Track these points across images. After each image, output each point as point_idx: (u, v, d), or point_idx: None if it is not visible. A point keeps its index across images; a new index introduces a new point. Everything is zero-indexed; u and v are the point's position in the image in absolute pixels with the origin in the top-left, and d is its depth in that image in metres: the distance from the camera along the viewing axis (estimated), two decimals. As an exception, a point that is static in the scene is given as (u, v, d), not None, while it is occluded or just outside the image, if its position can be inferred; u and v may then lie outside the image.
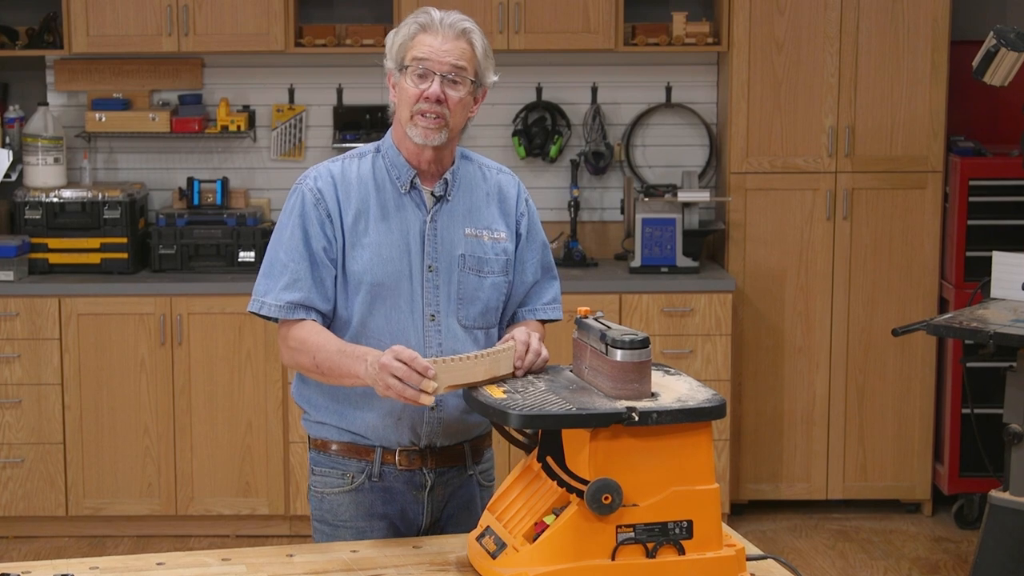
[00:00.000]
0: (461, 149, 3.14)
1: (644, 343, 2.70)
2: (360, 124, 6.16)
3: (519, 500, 2.79)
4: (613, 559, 2.63)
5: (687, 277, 5.82)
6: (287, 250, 3.02)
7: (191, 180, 6.07)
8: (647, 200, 5.89)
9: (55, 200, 5.91)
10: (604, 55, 6.12)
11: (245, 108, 6.19)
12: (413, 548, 2.93)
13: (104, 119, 6.04)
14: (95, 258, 5.89)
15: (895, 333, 4.80)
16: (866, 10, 5.83)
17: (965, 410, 5.84)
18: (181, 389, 5.73)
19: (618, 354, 2.69)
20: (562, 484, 2.67)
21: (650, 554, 2.64)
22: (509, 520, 2.76)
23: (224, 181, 6.11)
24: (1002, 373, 4.62)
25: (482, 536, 2.78)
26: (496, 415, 2.69)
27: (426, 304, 3.02)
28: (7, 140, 6.04)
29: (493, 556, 2.71)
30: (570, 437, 2.67)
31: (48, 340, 5.70)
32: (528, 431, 2.84)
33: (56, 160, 5.99)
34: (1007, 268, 4.86)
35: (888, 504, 6.12)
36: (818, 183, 5.92)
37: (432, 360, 2.75)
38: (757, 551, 2.89)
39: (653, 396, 2.71)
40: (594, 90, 6.21)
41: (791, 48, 5.86)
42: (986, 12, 6.16)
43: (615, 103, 6.24)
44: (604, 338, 2.72)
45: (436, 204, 3.06)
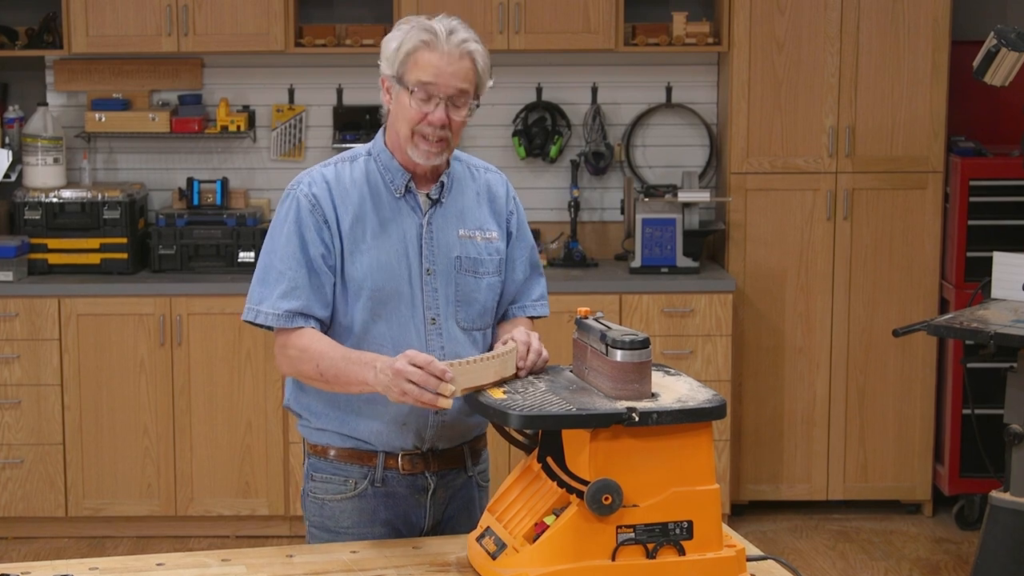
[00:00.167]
0: None
1: (644, 343, 2.69)
2: (360, 124, 6.16)
3: (519, 501, 2.79)
4: (613, 560, 2.63)
5: (687, 277, 5.82)
6: (282, 257, 2.97)
7: (191, 180, 6.07)
8: (647, 200, 5.89)
9: (55, 200, 5.91)
10: (604, 55, 6.12)
11: (245, 108, 6.19)
12: (413, 549, 2.93)
13: (104, 119, 6.04)
14: (95, 258, 5.88)
15: (896, 334, 4.80)
16: (867, 10, 5.83)
17: (966, 411, 5.84)
18: (181, 389, 5.73)
19: (618, 354, 2.69)
20: (562, 485, 2.66)
21: (650, 555, 2.64)
22: (509, 521, 2.76)
23: (224, 181, 6.10)
24: (1003, 374, 4.62)
25: (482, 537, 2.78)
26: (496, 416, 2.68)
27: (426, 308, 3.01)
28: (7, 140, 6.03)
29: (493, 557, 2.71)
30: (570, 438, 2.67)
31: (48, 341, 5.70)
32: (528, 432, 2.84)
33: (56, 160, 5.99)
34: (1008, 268, 4.85)
35: (889, 505, 6.12)
36: (818, 183, 5.92)
37: (451, 361, 2.74)
38: (757, 552, 2.89)
39: (653, 397, 2.70)
40: (594, 90, 6.21)
41: (791, 48, 5.86)
42: (986, 12, 6.16)
43: (615, 103, 6.23)
44: (604, 338, 2.72)
45: (431, 207, 3.04)
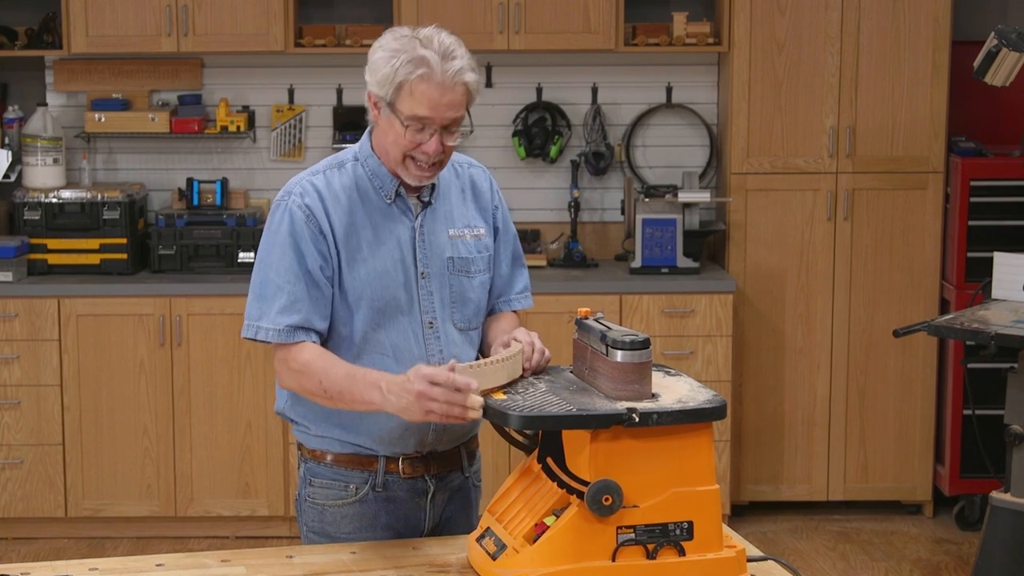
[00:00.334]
0: None
1: (644, 344, 2.69)
2: (360, 124, 6.15)
3: (519, 501, 2.79)
4: (613, 560, 2.63)
5: (687, 278, 5.81)
6: (279, 271, 2.91)
7: (190, 181, 6.06)
8: (647, 200, 5.89)
9: (54, 201, 5.90)
10: (604, 55, 6.12)
11: (245, 108, 6.19)
12: (413, 550, 2.92)
13: (103, 119, 6.03)
14: (94, 259, 5.88)
15: (896, 334, 4.80)
16: (867, 10, 5.83)
17: (966, 411, 5.84)
18: (180, 390, 5.73)
19: (618, 355, 2.68)
20: (562, 485, 2.66)
21: (650, 555, 2.64)
22: (509, 521, 2.76)
23: (224, 182, 6.10)
24: (1003, 374, 4.62)
25: (482, 537, 2.77)
26: (496, 416, 2.68)
27: (423, 312, 2.99)
28: (6, 140, 6.03)
29: (493, 557, 2.70)
30: (570, 438, 2.66)
31: (47, 341, 5.69)
32: (528, 432, 2.83)
33: (55, 161, 5.99)
34: (1008, 269, 4.85)
35: (889, 505, 6.11)
36: (819, 183, 5.91)
37: (468, 365, 2.72)
38: (758, 552, 2.89)
39: (653, 397, 2.70)
40: (594, 90, 6.20)
41: (792, 48, 5.86)
42: (987, 12, 6.16)
43: (615, 103, 6.23)
44: (604, 339, 2.72)
45: (422, 209, 3.01)
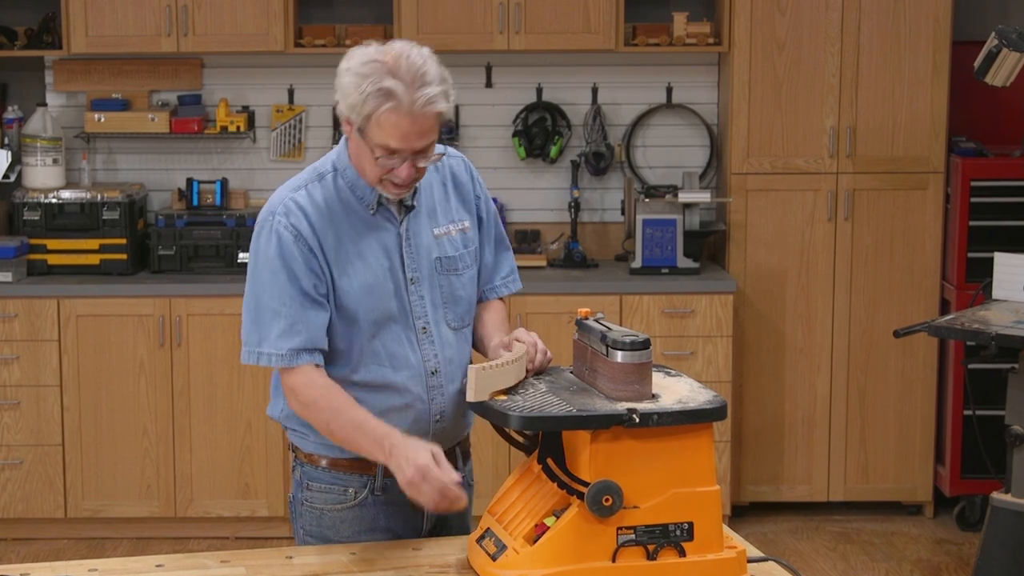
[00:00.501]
0: None
1: (645, 344, 2.69)
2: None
3: (519, 502, 2.79)
4: (614, 561, 2.62)
5: (688, 278, 5.81)
6: (272, 295, 2.86)
7: (190, 181, 6.06)
8: (648, 201, 5.88)
9: (54, 201, 5.90)
10: (604, 55, 6.11)
11: (244, 109, 6.18)
12: (413, 550, 2.92)
13: (103, 120, 6.03)
14: (94, 259, 5.87)
15: (896, 334, 4.80)
16: (867, 10, 5.82)
17: (967, 412, 5.83)
18: (180, 390, 5.72)
19: (619, 355, 2.68)
20: (562, 486, 2.66)
21: (651, 556, 2.64)
22: (509, 522, 2.76)
23: (223, 182, 6.10)
24: (1004, 375, 4.62)
25: (482, 538, 2.77)
26: (496, 416, 2.68)
27: (415, 318, 2.96)
28: (6, 141, 6.02)
29: (493, 558, 2.70)
30: (571, 439, 2.66)
31: (47, 341, 5.69)
32: (528, 433, 2.83)
33: (55, 161, 5.98)
34: (1009, 269, 4.85)
35: (889, 506, 6.11)
36: (819, 184, 5.91)
37: (481, 367, 2.71)
38: (758, 553, 2.89)
39: (654, 398, 2.70)
40: (594, 90, 6.20)
41: (792, 48, 5.85)
42: (987, 12, 6.15)
43: (615, 103, 6.23)
44: (605, 339, 2.72)
45: (406, 213, 2.96)
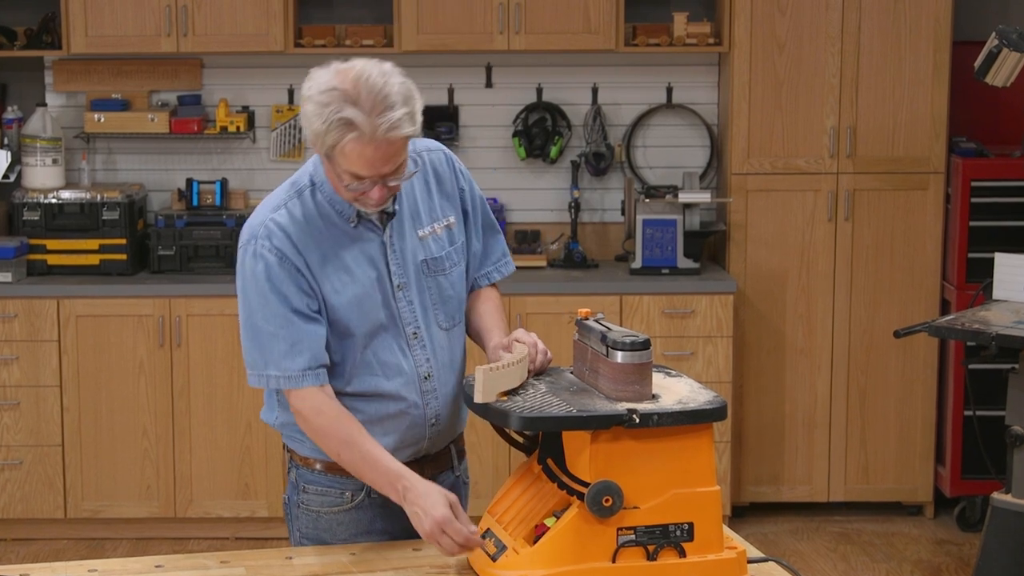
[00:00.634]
0: None
1: (645, 345, 2.69)
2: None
3: (519, 502, 2.79)
4: (614, 562, 2.62)
5: (688, 278, 5.80)
6: (267, 318, 2.85)
7: (190, 181, 6.05)
8: (648, 201, 5.88)
9: (54, 201, 5.89)
10: (605, 55, 6.11)
11: (244, 109, 6.18)
12: (413, 551, 2.91)
13: (103, 120, 6.03)
14: (94, 259, 5.87)
15: (897, 335, 4.79)
16: (868, 10, 5.82)
17: (967, 412, 5.82)
18: (180, 391, 5.72)
19: (619, 356, 2.68)
20: (563, 486, 2.66)
21: (651, 557, 2.63)
22: (509, 522, 2.76)
23: (223, 182, 6.09)
24: (1004, 375, 4.61)
25: (482, 538, 2.76)
26: (497, 417, 2.67)
27: (405, 324, 2.94)
28: (6, 141, 6.02)
29: (493, 559, 2.70)
30: (571, 439, 2.66)
31: (47, 342, 5.68)
32: (529, 433, 2.83)
33: (55, 161, 5.98)
34: (1009, 269, 4.85)
35: (890, 506, 6.10)
36: (819, 184, 5.91)
37: (489, 367, 2.70)
38: (758, 554, 2.88)
39: (654, 398, 2.69)
40: (595, 91, 6.19)
41: (792, 48, 5.85)
42: (988, 12, 6.15)
43: (616, 104, 6.22)
44: (605, 340, 2.71)
45: (388, 220, 2.92)
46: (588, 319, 2.84)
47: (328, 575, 2.79)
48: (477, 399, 2.68)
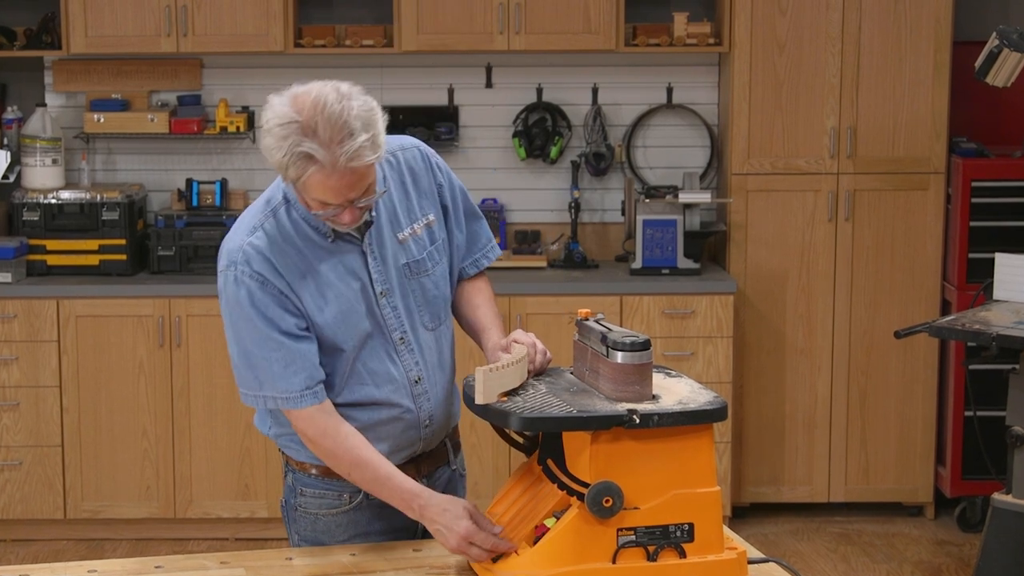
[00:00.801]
0: None
1: (645, 345, 2.68)
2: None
3: (519, 503, 2.78)
4: (614, 562, 2.62)
5: (688, 279, 5.80)
6: (256, 343, 2.80)
7: (190, 181, 6.05)
8: (648, 201, 5.87)
9: (53, 201, 5.89)
10: (605, 56, 6.11)
11: (244, 109, 6.17)
12: (413, 551, 2.91)
13: (103, 120, 6.02)
14: (93, 260, 5.87)
15: (897, 335, 4.79)
16: (868, 10, 5.81)
17: (968, 413, 5.82)
18: (180, 391, 5.71)
19: (619, 356, 2.67)
20: (563, 487, 2.65)
21: (651, 557, 2.63)
22: (509, 523, 2.75)
23: (223, 182, 6.09)
24: (1005, 375, 4.61)
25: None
26: (497, 417, 2.67)
27: (391, 330, 2.92)
28: (5, 141, 6.02)
29: (493, 560, 2.70)
30: (571, 440, 2.65)
31: (46, 342, 5.68)
32: (529, 434, 2.82)
33: (54, 161, 5.97)
34: (1010, 270, 4.84)
35: (890, 507, 6.10)
36: (820, 184, 5.90)
37: (488, 368, 2.69)
38: (759, 554, 2.88)
39: (654, 398, 2.69)
40: (595, 91, 6.19)
41: (793, 49, 5.84)
42: (988, 13, 6.14)
43: (616, 104, 6.22)
44: (605, 340, 2.71)
45: (366, 229, 2.88)
46: (588, 319, 2.83)
47: (328, 576, 2.79)
48: (478, 400, 2.68)
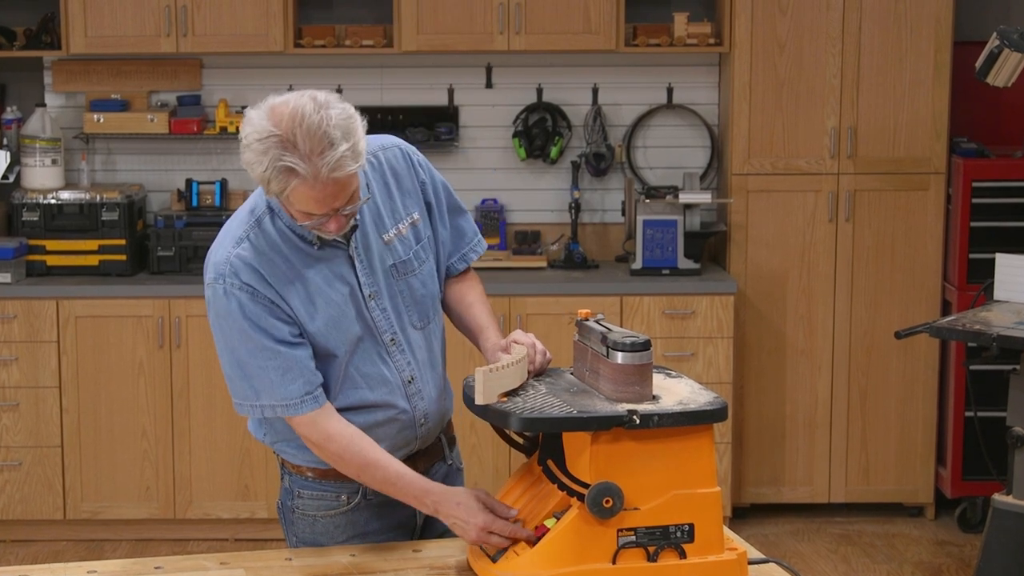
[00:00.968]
0: None
1: (645, 346, 2.68)
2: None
3: (519, 504, 2.78)
4: (614, 563, 2.61)
5: (688, 279, 5.80)
6: (251, 353, 2.79)
7: (189, 182, 6.05)
8: (648, 202, 5.87)
9: (53, 202, 5.89)
10: (605, 56, 6.10)
11: (244, 109, 6.14)
12: (413, 552, 2.91)
13: (102, 120, 6.02)
14: (93, 260, 5.86)
15: (898, 336, 4.78)
16: (868, 10, 5.81)
17: (968, 413, 5.82)
18: (179, 392, 5.71)
19: (619, 357, 2.67)
20: (563, 487, 2.65)
21: (651, 558, 2.62)
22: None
23: (223, 183, 6.09)
24: (1005, 376, 4.60)
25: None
26: (497, 418, 2.67)
27: (381, 332, 2.91)
28: (5, 141, 6.02)
29: (493, 560, 2.70)
30: (571, 440, 2.65)
31: (46, 343, 5.68)
32: (529, 434, 2.82)
33: (54, 161, 5.97)
34: (1011, 270, 4.84)
35: (891, 508, 6.10)
36: (820, 185, 5.90)
37: (488, 368, 2.69)
38: (759, 555, 2.88)
39: (654, 399, 2.69)
40: (595, 91, 6.19)
41: (793, 49, 5.84)
42: (989, 13, 6.14)
43: (616, 104, 6.21)
44: (605, 340, 2.70)
45: (352, 233, 2.87)
46: (588, 320, 2.83)
47: (327, 576, 2.79)
48: (478, 400, 2.67)
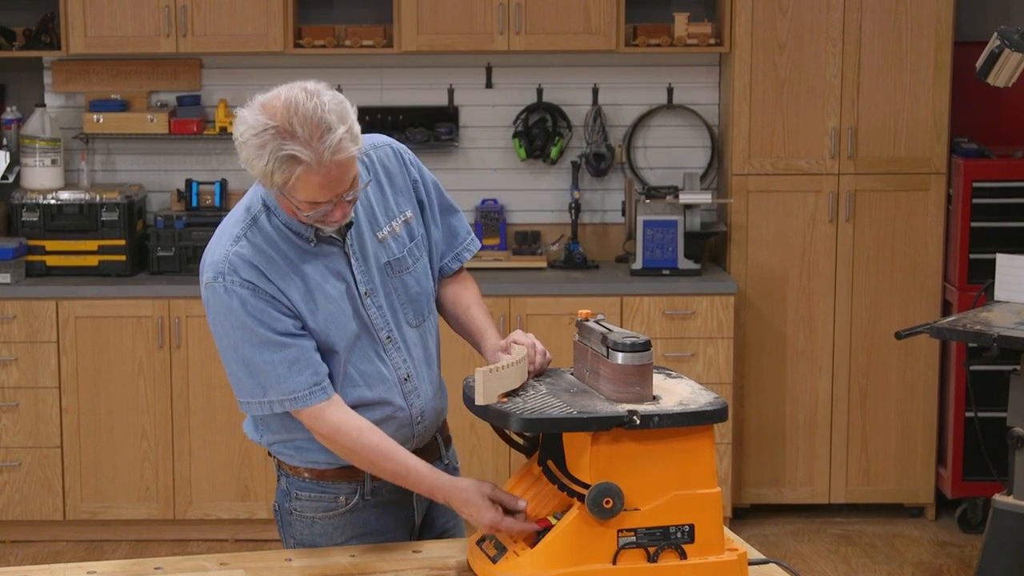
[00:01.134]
0: None
1: (645, 346, 2.68)
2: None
3: (519, 504, 2.78)
4: (614, 563, 2.61)
5: (689, 279, 5.79)
6: (256, 349, 2.79)
7: (189, 182, 6.05)
8: (648, 202, 5.87)
9: (53, 202, 5.88)
10: (605, 56, 6.10)
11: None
12: (412, 553, 2.91)
13: (102, 120, 6.02)
14: (93, 260, 5.86)
15: (898, 336, 4.78)
16: (869, 11, 5.81)
17: (969, 414, 5.81)
18: (179, 392, 5.71)
19: (619, 357, 2.67)
20: (563, 488, 2.65)
21: (651, 558, 2.62)
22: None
23: (223, 183, 6.09)
24: (1006, 376, 4.60)
25: (482, 540, 2.76)
26: (497, 418, 2.66)
27: (377, 330, 2.92)
28: (4, 142, 6.02)
29: (493, 560, 2.69)
30: (571, 440, 2.65)
31: (45, 343, 5.67)
32: (529, 434, 2.82)
33: (54, 162, 5.97)
34: (1011, 270, 4.83)
35: (891, 508, 6.09)
36: (820, 185, 5.89)
37: (488, 369, 2.69)
38: (759, 555, 2.88)
39: (654, 399, 2.68)
40: (595, 91, 6.18)
41: (793, 49, 5.83)
42: (990, 13, 6.13)
43: (616, 104, 6.21)
44: (605, 341, 2.70)
45: (347, 231, 2.88)
46: (588, 320, 2.83)
47: (327, 577, 2.79)
48: (479, 401, 2.67)
